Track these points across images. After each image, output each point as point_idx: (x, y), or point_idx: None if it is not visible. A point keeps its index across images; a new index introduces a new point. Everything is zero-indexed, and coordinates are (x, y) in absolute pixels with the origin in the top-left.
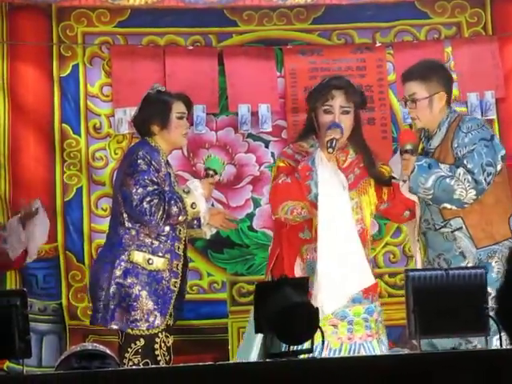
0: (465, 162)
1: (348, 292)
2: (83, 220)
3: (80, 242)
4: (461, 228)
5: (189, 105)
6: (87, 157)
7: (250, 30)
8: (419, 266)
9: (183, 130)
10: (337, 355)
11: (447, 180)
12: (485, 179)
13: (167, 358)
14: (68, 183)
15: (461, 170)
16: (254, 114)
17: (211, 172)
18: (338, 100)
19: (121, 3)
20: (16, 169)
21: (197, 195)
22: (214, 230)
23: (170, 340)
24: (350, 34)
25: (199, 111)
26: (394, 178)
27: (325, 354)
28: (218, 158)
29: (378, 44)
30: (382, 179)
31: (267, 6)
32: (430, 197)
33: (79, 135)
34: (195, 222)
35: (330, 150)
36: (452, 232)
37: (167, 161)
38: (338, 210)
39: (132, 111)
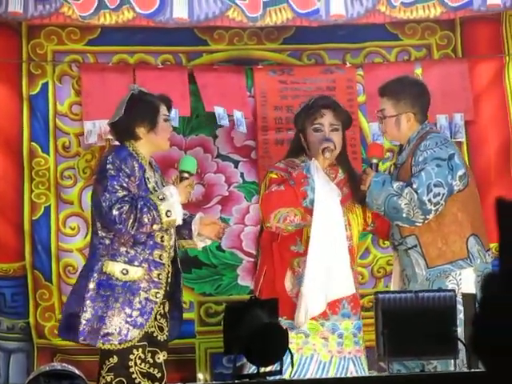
0: (412, 181)
1: (329, 298)
2: (51, 239)
3: (48, 261)
4: (415, 246)
5: (170, 107)
6: (56, 175)
7: (221, 50)
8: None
9: (168, 134)
10: (326, 368)
11: (394, 198)
12: (429, 200)
13: (158, 376)
14: (36, 202)
15: (408, 190)
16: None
17: (185, 174)
18: (328, 118)
19: (91, 22)
20: None
21: (172, 202)
22: (209, 242)
23: (162, 356)
24: (321, 54)
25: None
26: None
27: (314, 367)
28: (191, 157)
29: (348, 65)
30: (364, 201)
31: (238, 27)
32: (383, 214)
33: (48, 154)
34: (185, 231)
35: (327, 154)
36: (407, 250)
37: (152, 165)
38: (334, 216)
39: (102, 124)
